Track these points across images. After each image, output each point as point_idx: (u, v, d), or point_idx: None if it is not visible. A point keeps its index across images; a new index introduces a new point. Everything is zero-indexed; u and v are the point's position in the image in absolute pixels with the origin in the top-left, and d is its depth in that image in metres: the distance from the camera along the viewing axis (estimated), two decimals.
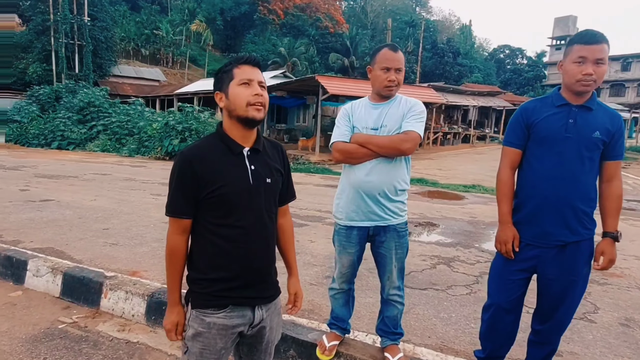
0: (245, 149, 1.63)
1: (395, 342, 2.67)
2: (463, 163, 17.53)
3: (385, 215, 2.46)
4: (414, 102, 2.49)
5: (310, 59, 43.46)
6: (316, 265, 4.45)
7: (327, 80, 17.47)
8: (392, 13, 53.02)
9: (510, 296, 2.32)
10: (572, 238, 2.16)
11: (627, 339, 3.17)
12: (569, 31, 63.66)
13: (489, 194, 10.18)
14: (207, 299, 1.62)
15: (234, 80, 1.59)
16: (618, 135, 2.13)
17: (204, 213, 1.59)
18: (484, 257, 5.04)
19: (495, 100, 31.70)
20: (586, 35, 2.05)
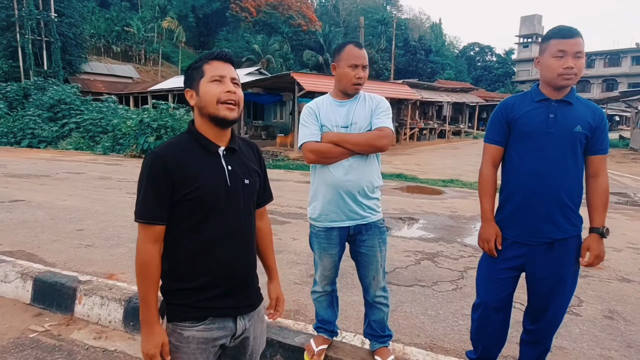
0: (221, 148, 1.54)
1: (384, 344, 2.62)
2: (440, 158, 17.69)
3: (364, 213, 2.42)
4: (379, 98, 2.48)
5: (285, 56, 43.40)
6: (300, 264, 4.36)
7: (302, 77, 17.47)
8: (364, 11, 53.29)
9: (499, 295, 2.28)
10: (559, 235, 2.13)
11: (612, 332, 3.20)
12: (535, 29, 65.70)
13: (468, 188, 10.28)
14: (184, 311, 1.50)
15: (205, 77, 1.50)
16: (600, 129, 2.12)
17: (179, 217, 1.48)
18: (467, 252, 5.04)
19: (468, 97, 32.20)
20: (563, 30, 2.05)
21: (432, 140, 27.35)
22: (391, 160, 15.30)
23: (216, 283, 1.51)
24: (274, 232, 2.99)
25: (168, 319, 1.52)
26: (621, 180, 12.88)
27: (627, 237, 5.91)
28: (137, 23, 44.58)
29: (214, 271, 1.50)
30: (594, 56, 54.23)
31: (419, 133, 26.68)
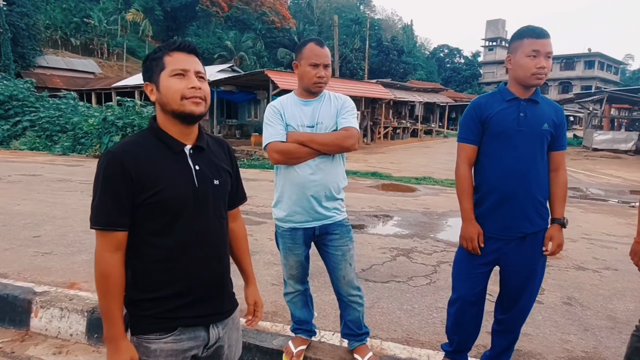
0: (187, 146, 1.43)
1: (362, 342, 2.65)
2: (413, 156, 18.01)
3: (329, 214, 2.43)
4: (344, 98, 2.47)
5: (259, 54, 42.82)
6: (277, 264, 4.38)
7: (277, 75, 17.31)
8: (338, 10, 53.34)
9: (475, 289, 2.38)
10: (531, 229, 2.23)
11: (571, 317, 3.45)
12: (499, 33, 67.73)
13: (440, 185, 10.58)
14: (151, 323, 1.38)
15: (166, 70, 1.37)
16: (562, 127, 2.25)
17: (142, 222, 1.35)
18: (440, 247, 5.26)
19: (439, 97, 32.91)
20: (537, 30, 2.11)
21: (405, 139, 27.79)
22: (366, 159, 15.51)
23: (185, 291, 1.40)
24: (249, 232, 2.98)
25: (132, 332, 1.40)
26: (575, 176, 13.42)
27: (581, 228, 6.29)
28: (98, 14, 41.99)
29: (183, 279, 1.40)
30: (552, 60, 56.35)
31: (393, 132, 27.08)
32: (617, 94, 24.63)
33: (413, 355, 2.78)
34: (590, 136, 23.60)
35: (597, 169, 15.66)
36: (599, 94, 26.37)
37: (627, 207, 8.69)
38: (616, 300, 3.82)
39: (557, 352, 2.92)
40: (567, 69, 57.82)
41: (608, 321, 3.40)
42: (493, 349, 2.53)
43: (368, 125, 22.99)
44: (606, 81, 55.63)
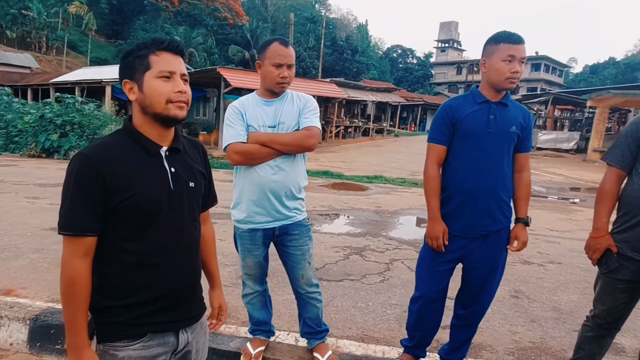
0: (163, 148, 1.39)
1: (322, 340, 2.66)
2: (364, 155, 18.23)
3: (290, 213, 2.42)
4: (307, 97, 2.46)
5: (209, 50, 41.79)
6: (229, 265, 4.31)
7: (229, 72, 16.91)
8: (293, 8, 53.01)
9: (438, 286, 2.42)
10: (494, 227, 2.31)
11: (518, 309, 3.57)
12: (452, 35, 70.08)
13: (391, 184, 10.73)
14: (119, 330, 1.33)
15: (152, 71, 1.32)
16: (528, 130, 2.32)
17: (114, 227, 1.31)
18: (392, 245, 5.30)
19: (391, 96, 33.51)
20: (513, 36, 2.16)
21: (357, 138, 28.10)
22: (318, 158, 15.52)
23: (157, 297, 1.36)
24: None
25: (98, 339, 1.34)
26: None
27: None
28: (38, 6, 39.32)
29: (155, 284, 1.35)
30: None
31: (345, 131, 27.30)
32: (561, 95, 26.08)
33: (368, 352, 2.80)
34: (535, 136, 24.77)
35: (541, 167, 16.47)
36: (544, 95, 27.82)
37: (568, 203, 9.20)
38: (560, 292, 3.99)
39: (506, 344, 3.00)
40: None
41: (553, 312, 3.54)
42: (452, 343, 2.59)
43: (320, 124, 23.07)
44: (551, 83, 58.55)
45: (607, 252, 2.20)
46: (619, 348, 2.97)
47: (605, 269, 2.21)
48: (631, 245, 2.13)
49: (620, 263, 2.16)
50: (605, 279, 2.24)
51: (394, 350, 2.80)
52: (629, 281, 2.15)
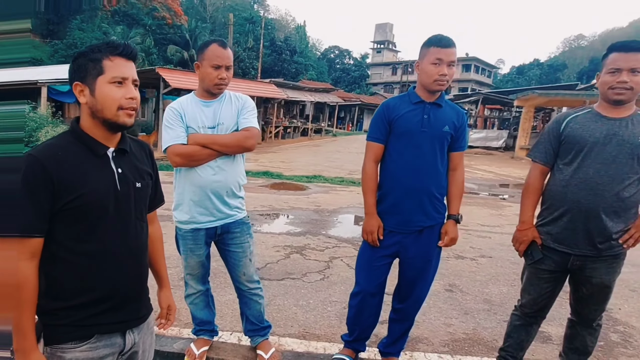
0: (110, 149, 1.39)
1: (265, 337, 2.67)
2: (303, 155, 18.29)
3: (231, 212, 2.45)
4: (245, 98, 2.49)
5: (147, 51, 40.12)
6: (170, 267, 4.08)
7: (168, 73, 16.48)
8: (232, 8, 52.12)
9: (376, 281, 2.48)
10: (428, 223, 2.39)
11: (453, 302, 3.73)
12: (387, 36, 72.01)
13: (329, 183, 10.83)
14: (66, 331, 1.33)
15: (104, 76, 1.32)
16: (462, 129, 2.42)
17: (61, 228, 1.31)
18: (332, 243, 5.35)
19: (329, 97, 33.88)
20: (443, 40, 2.23)
21: (296, 138, 28.14)
22: (257, 158, 15.36)
23: (105, 298, 1.37)
24: None
25: (46, 342, 1.33)
26: None
27: None
28: None
29: (103, 285, 1.36)
30: None
31: (284, 131, 27.25)
32: (490, 95, 27.48)
33: (310, 348, 2.83)
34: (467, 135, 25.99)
35: (472, 164, 17.26)
36: (474, 95, 29.20)
37: (498, 199, 9.75)
38: (491, 284, 4.21)
39: (441, 336, 3.12)
40: None
41: (485, 304, 3.73)
42: (390, 337, 2.66)
43: (260, 124, 22.88)
44: (481, 84, 61.46)
45: (532, 244, 2.34)
46: (545, 336, 3.18)
47: (531, 260, 2.35)
48: (553, 237, 2.27)
49: (544, 254, 2.30)
50: (531, 269, 2.39)
51: (334, 346, 2.83)
52: (552, 271, 2.31)
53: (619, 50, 2.06)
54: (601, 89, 2.14)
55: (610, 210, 2.11)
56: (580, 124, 2.20)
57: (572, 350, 2.48)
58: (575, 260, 2.23)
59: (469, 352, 2.92)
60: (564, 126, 2.24)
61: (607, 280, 2.23)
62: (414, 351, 2.88)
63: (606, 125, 2.13)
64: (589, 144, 2.13)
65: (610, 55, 2.09)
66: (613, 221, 2.13)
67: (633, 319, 3.54)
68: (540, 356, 2.91)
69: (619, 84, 2.04)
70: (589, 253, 2.19)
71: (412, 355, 2.83)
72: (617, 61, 2.05)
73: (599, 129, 2.13)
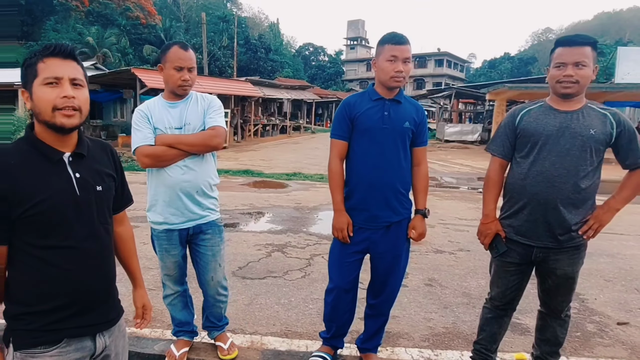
0: (66, 154, 1.37)
1: (222, 330, 2.73)
2: (283, 153, 18.23)
3: (203, 213, 2.46)
4: (211, 97, 2.52)
5: (123, 51, 39.40)
6: (153, 269, 4.11)
7: (144, 73, 16.30)
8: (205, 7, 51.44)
9: (349, 277, 2.51)
10: (395, 218, 2.43)
11: (432, 297, 3.78)
12: (360, 33, 72.31)
13: (309, 180, 10.85)
14: (35, 336, 1.33)
15: (38, 79, 1.30)
16: (422, 125, 2.45)
17: (21, 235, 1.31)
18: (313, 240, 5.36)
19: (306, 94, 33.86)
20: (396, 37, 2.29)
21: (275, 136, 28.02)
22: (238, 157, 15.26)
23: (70, 302, 1.37)
24: None
25: (15, 347, 1.33)
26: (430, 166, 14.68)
27: (438, 214, 6.94)
28: None
29: (67, 289, 1.36)
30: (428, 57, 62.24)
31: (263, 129, 27.10)
32: (463, 89, 27.85)
33: (292, 347, 2.84)
34: (442, 129, 26.26)
35: (449, 159, 17.55)
36: (448, 90, 29.53)
37: (476, 192, 9.90)
38: (470, 278, 4.28)
39: (421, 330, 3.17)
40: (420, 67, 63.46)
41: (464, 297, 3.80)
42: (366, 332, 2.68)
43: (238, 123, 22.66)
44: (454, 78, 62.20)
45: (496, 237, 2.39)
46: (523, 328, 3.25)
47: (496, 253, 2.40)
48: (516, 229, 2.32)
49: (508, 247, 2.35)
50: (497, 262, 2.43)
51: (316, 343, 2.83)
52: (517, 264, 2.35)
53: (564, 45, 2.13)
54: (550, 83, 2.20)
55: (568, 202, 2.15)
56: (534, 118, 2.25)
57: (543, 341, 2.52)
58: (538, 252, 2.26)
59: (449, 346, 2.97)
60: (518, 120, 2.29)
61: (570, 271, 2.27)
62: (395, 347, 2.92)
63: (558, 118, 2.17)
64: (543, 137, 2.18)
65: (556, 50, 2.16)
66: (571, 213, 2.17)
67: (608, 309, 3.63)
68: (519, 348, 2.96)
69: (565, 78, 2.10)
70: (551, 245, 2.23)
71: (394, 351, 2.86)
72: (562, 55, 2.11)
73: (552, 122, 2.18)
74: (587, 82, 2.11)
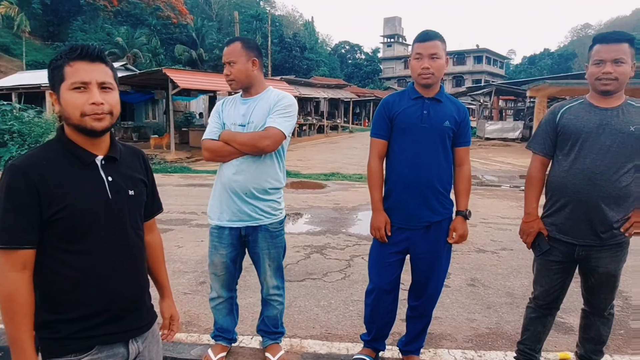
0: (99, 157, 1.35)
1: (276, 341, 2.66)
2: (320, 152, 18.30)
3: (256, 215, 2.40)
4: (281, 95, 2.43)
5: (154, 51, 40.11)
6: (188, 272, 4.23)
7: (176, 73, 16.29)
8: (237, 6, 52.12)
9: (389, 277, 2.49)
10: (435, 218, 2.39)
11: (475, 297, 3.70)
12: (396, 30, 71.55)
13: (348, 180, 10.84)
14: (65, 344, 1.30)
15: (65, 83, 1.27)
16: (464, 124, 2.41)
17: (52, 239, 1.28)
18: (352, 241, 5.35)
19: (343, 92, 33.78)
20: (421, 34, 2.30)
21: (312, 136, 28.14)
22: None
23: (101, 309, 1.34)
24: None
25: (45, 355, 1.30)
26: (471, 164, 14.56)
27: (479, 213, 6.78)
28: None
29: (98, 296, 1.33)
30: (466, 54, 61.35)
31: (299, 129, 27.29)
32: (503, 86, 27.16)
33: (332, 350, 2.83)
34: (483, 126, 25.72)
35: (490, 156, 17.14)
36: (487, 87, 28.82)
37: (518, 190, 9.60)
38: (513, 277, 4.17)
39: (465, 332, 3.11)
40: (459, 64, 62.66)
41: (507, 297, 3.70)
42: (408, 334, 2.65)
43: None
44: (493, 75, 60.99)
45: (539, 235, 2.36)
46: (567, 327, 3.15)
47: (538, 251, 2.37)
48: (558, 227, 2.29)
49: (551, 245, 2.31)
50: (540, 261, 2.40)
51: (357, 346, 2.82)
52: (560, 262, 2.31)
53: (601, 42, 2.13)
54: (589, 80, 2.19)
55: (609, 199, 2.14)
56: (574, 115, 2.24)
57: (587, 340, 2.48)
58: (580, 250, 2.25)
59: (492, 347, 2.91)
60: (559, 117, 2.28)
61: (613, 269, 2.24)
62: (438, 348, 2.88)
63: (598, 115, 2.17)
64: (584, 135, 2.18)
65: (594, 47, 2.15)
66: (613, 210, 2.15)
67: None
68: (563, 347, 2.88)
69: (604, 75, 2.10)
70: (593, 242, 2.21)
71: (436, 353, 2.82)
72: (600, 53, 2.11)
73: (591, 119, 2.18)
74: (626, 78, 2.10)
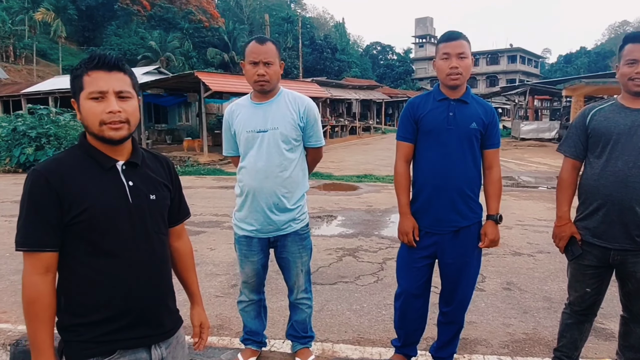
0: (119, 162, 1.36)
1: (306, 345, 2.65)
2: (353, 154, 18.25)
3: (285, 226, 2.42)
4: (304, 101, 2.41)
5: (187, 54, 40.96)
6: (220, 275, 4.28)
7: (208, 76, 16.51)
8: (268, 9, 52.63)
9: (418, 282, 2.46)
10: (463, 223, 2.35)
11: (511, 301, 3.61)
12: (428, 30, 70.83)
13: (381, 182, 10.77)
14: (86, 348, 1.30)
15: (84, 92, 1.29)
16: (492, 126, 2.36)
17: (74, 242, 1.30)
18: (385, 244, 5.32)
19: (375, 93, 33.61)
20: (447, 34, 2.28)
21: (344, 137, 28.10)
22: None
23: (123, 313, 1.34)
24: None
25: (67, 359, 1.32)
26: (506, 165, 14.17)
27: (515, 215, 6.63)
28: (1, 14, 37.19)
29: (120, 300, 1.33)
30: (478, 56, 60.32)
31: (331, 130, 27.32)
32: (538, 86, 26.43)
33: (365, 354, 2.81)
34: (518, 126, 25.11)
35: (526, 157, 16.67)
36: (522, 86, 28.09)
37: (555, 192, 9.26)
38: (550, 281, 4.05)
39: (500, 337, 3.04)
40: (492, 64, 61.71)
41: (544, 302, 3.60)
42: (440, 340, 2.61)
43: None
44: (528, 74, 59.80)
45: (571, 239, 2.29)
46: (608, 333, 3.03)
47: (571, 256, 2.30)
48: (591, 231, 2.22)
49: (584, 249, 2.24)
50: (574, 265, 2.33)
51: (390, 351, 2.79)
52: (595, 267, 2.23)
53: (634, 42, 2.06)
54: (621, 81, 2.12)
55: None
56: (604, 117, 2.17)
57: (627, 348, 2.37)
58: (615, 254, 2.17)
59: (529, 353, 2.83)
60: (589, 119, 2.22)
61: None
62: (473, 354, 2.82)
63: (630, 116, 2.11)
64: (615, 136, 2.12)
65: (626, 47, 2.08)
66: None
67: None
68: (603, 354, 2.78)
69: (637, 75, 2.03)
70: (628, 247, 2.13)
71: (471, 358, 2.77)
72: (633, 52, 2.05)
73: (623, 120, 2.11)
74: None
